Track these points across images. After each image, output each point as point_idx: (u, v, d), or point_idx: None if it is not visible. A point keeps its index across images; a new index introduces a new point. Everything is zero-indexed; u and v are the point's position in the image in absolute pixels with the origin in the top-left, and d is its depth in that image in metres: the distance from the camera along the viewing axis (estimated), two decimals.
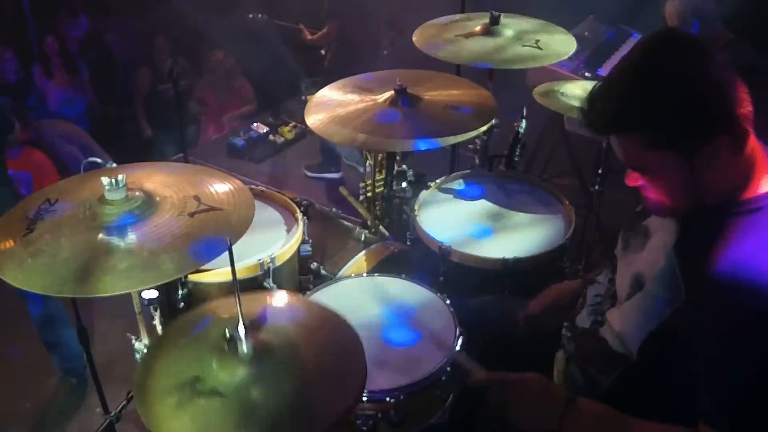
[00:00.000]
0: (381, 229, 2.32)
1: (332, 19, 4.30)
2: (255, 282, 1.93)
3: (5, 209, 1.58)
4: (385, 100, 2.12)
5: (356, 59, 4.12)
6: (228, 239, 1.25)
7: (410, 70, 2.37)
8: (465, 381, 1.51)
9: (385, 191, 2.41)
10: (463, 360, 1.55)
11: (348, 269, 2.10)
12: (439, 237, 2.09)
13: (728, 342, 1.15)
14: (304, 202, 2.22)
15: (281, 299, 1.55)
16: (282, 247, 2.01)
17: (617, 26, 4.52)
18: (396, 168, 2.36)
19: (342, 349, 1.40)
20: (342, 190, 2.48)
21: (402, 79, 2.13)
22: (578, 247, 2.77)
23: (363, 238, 2.31)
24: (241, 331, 1.28)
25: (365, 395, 1.55)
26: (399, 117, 2.06)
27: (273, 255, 1.95)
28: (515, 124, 2.52)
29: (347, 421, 1.56)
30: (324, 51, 4.44)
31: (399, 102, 2.10)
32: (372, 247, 2.19)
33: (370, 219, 2.35)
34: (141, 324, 1.80)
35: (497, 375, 1.46)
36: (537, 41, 2.42)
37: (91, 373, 2.16)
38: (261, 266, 1.93)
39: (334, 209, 2.52)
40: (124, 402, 2.04)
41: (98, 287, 1.34)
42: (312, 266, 2.15)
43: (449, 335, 1.72)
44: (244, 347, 1.29)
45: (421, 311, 1.82)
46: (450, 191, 2.39)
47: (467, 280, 2.04)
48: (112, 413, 2.04)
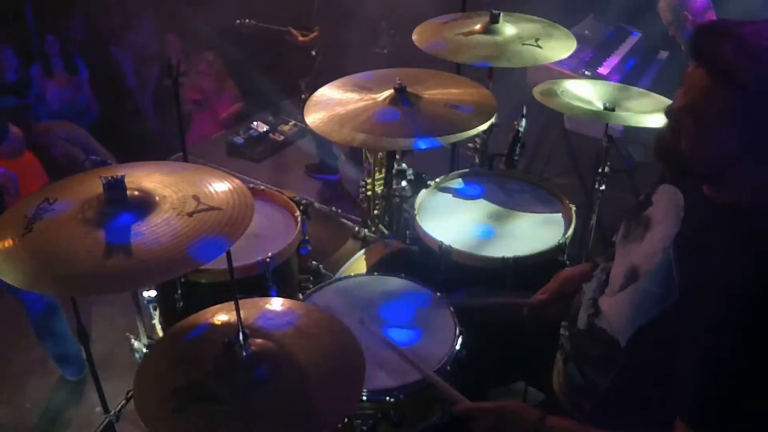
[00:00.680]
0: (381, 229, 2.31)
1: (323, 21, 4.28)
2: (254, 282, 1.93)
3: None
4: (385, 99, 2.12)
5: (348, 60, 4.11)
6: (227, 248, 1.25)
7: (410, 69, 2.36)
8: (452, 410, 1.52)
9: (385, 190, 2.41)
10: (448, 390, 1.55)
11: (347, 268, 2.10)
12: (439, 236, 2.08)
13: (716, 341, 1.14)
14: (304, 202, 2.22)
15: (279, 305, 1.55)
16: (281, 247, 2.00)
17: (617, 25, 4.52)
18: (396, 167, 2.36)
19: (340, 355, 1.40)
20: (342, 189, 2.48)
21: (402, 78, 2.13)
22: (578, 247, 2.77)
23: (363, 238, 2.31)
24: (240, 337, 1.28)
25: (365, 395, 1.55)
26: (399, 116, 2.06)
27: (272, 254, 1.95)
28: (515, 123, 2.52)
29: (347, 422, 1.56)
30: (314, 53, 4.43)
31: (399, 101, 2.10)
32: (371, 247, 2.19)
33: (370, 218, 2.35)
34: (140, 323, 1.80)
35: (478, 405, 1.47)
36: (537, 40, 2.41)
37: (91, 373, 2.16)
38: (260, 266, 1.92)
39: (334, 209, 2.52)
40: (124, 401, 2.05)
41: (98, 287, 1.34)
42: (312, 266, 2.15)
43: (449, 335, 1.72)
44: (243, 352, 1.29)
45: (421, 311, 1.81)
46: (450, 190, 2.38)
47: (467, 280, 2.04)
48: (112, 412, 2.04)
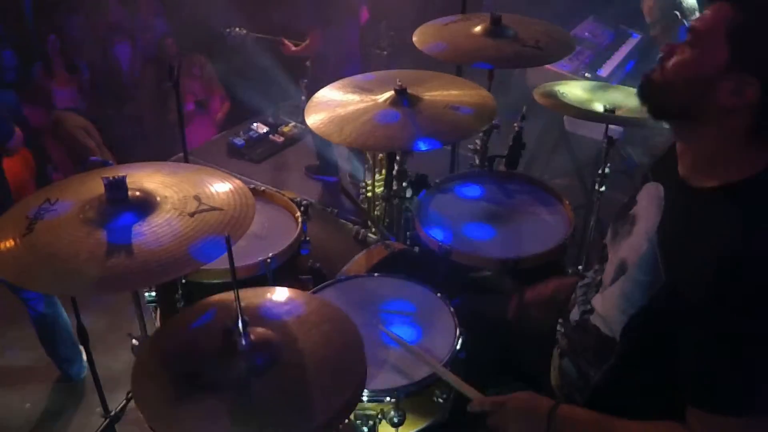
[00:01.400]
0: (381, 229, 2.32)
1: (314, 30, 4.27)
2: (255, 282, 1.93)
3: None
4: (386, 101, 2.12)
5: (341, 67, 4.10)
6: (227, 240, 1.25)
7: (410, 71, 2.37)
8: (467, 408, 1.53)
9: (386, 191, 2.42)
10: (461, 385, 1.56)
11: (348, 269, 2.10)
12: (439, 237, 2.09)
13: (715, 323, 1.16)
14: (304, 202, 2.22)
15: (281, 294, 1.55)
16: (282, 247, 2.00)
17: (617, 27, 4.53)
18: (396, 168, 2.36)
19: (342, 344, 1.40)
20: (342, 190, 2.48)
21: (402, 80, 2.13)
22: (578, 247, 2.77)
23: (363, 238, 2.31)
24: (240, 326, 1.28)
25: (365, 395, 1.55)
26: (399, 117, 2.06)
27: (273, 255, 1.95)
28: (515, 124, 2.53)
29: (346, 419, 1.56)
30: (309, 62, 4.42)
31: (399, 102, 2.10)
32: (372, 247, 2.19)
33: (370, 219, 2.35)
34: (141, 324, 1.81)
35: (492, 399, 1.48)
36: (537, 42, 2.42)
37: (91, 373, 2.16)
38: (261, 266, 1.93)
39: (335, 210, 2.52)
40: (124, 402, 2.05)
41: (98, 287, 1.34)
42: (312, 266, 2.15)
43: (449, 335, 1.72)
44: (243, 341, 1.29)
45: (421, 311, 1.82)
46: (450, 191, 2.39)
47: (467, 280, 2.05)
48: (112, 413, 2.04)
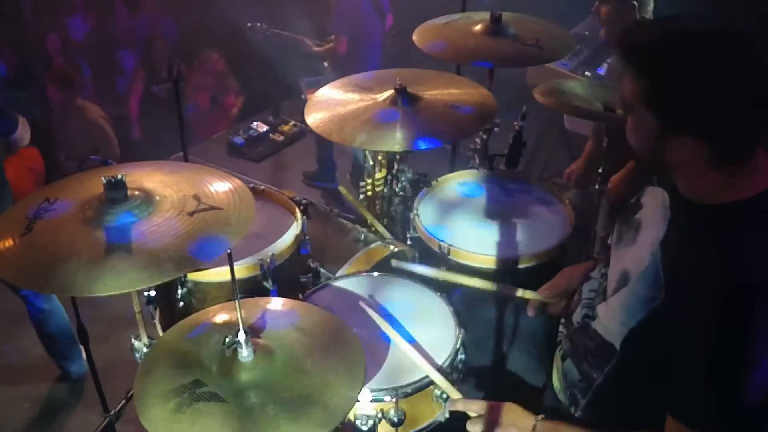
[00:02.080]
0: (381, 229, 2.31)
1: (339, 34, 4.25)
2: (254, 282, 1.93)
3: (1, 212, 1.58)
4: (385, 100, 2.12)
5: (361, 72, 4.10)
6: (229, 255, 1.25)
7: (410, 70, 2.36)
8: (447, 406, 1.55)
9: (385, 190, 2.41)
10: (445, 384, 1.57)
11: (348, 268, 2.10)
12: (439, 236, 2.08)
13: (704, 343, 1.16)
14: (304, 202, 2.22)
15: (280, 304, 1.55)
16: (282, 247, 2.00)
17: None
18: (396, 167, 2.36)
19: (342, 354, 1.40)
20: (342, 189, 2.48)
21: (402, 79, 2.13)
22: (578, 247, 2.77)
23: (363, 238, 2.31)
24: (242, 337, 1.28)
25: (365, 395, 1.55)
26: (399, 116, 2.06)
27: (272, 254, 1.95)
28: (515, 124, 2.52)
29: (347, 422, 1.56)
30: (326, 64, 4.41)
31: (399, 101, 2.10)
32: (372, 247, 2.19)
33: (370, 218, 2.35)
34: (141, 323, 1.80)
35: (474, 402, 1.50)
36: (537, 40, 2.42)
37: (91, 373, 2.16)
38: (261, 266, 1.92)
39: (335, 209, 2.52)
40: (124, 401, 2.04)
41: (98, 287, 1.34)
42: (312, 265, 2.15)
43: (449, 335, 1.72)
44: (245, 352, 1.29)
45: (421, 311, 1.81)
46: (450, 191, 2.38)
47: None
48: (112, 412, 2.04)
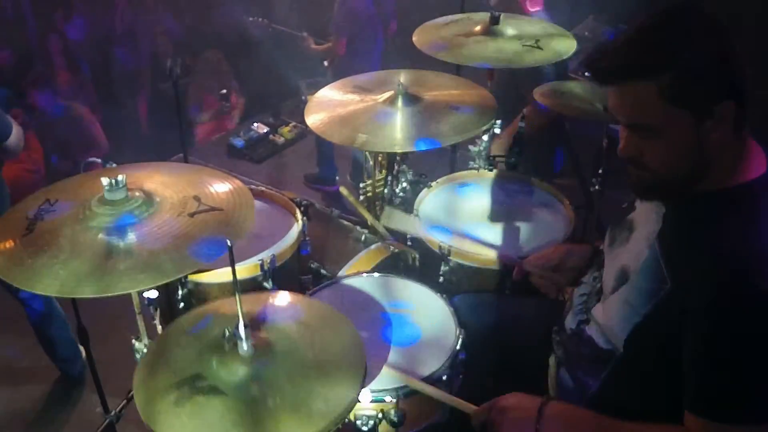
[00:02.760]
0: (381, 230, 2.32)
1: (339, 35, 4.24)
2: (255, 282, 1.93)
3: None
4: (386, 100, 2.12)
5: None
6: (230, 248, 1.25)
7: (410, 70, 2.37)
8: (471, 423, 1.52)
9: (385, 191, 2.41)
10: (459, 404, 1.56)
11: (348, 269, 2.10)
12: (439, 237, 2.09)
13: (715, 327, 1.16)
14: (304, 202, 2.22)
15: (282, 298, 1.55)
16: (282, 247, 2.00)
17: (617, 26, 4.52)
18: (396, 168, 2.36)
19: (342, 348, 1.40)
20: (342, 190, 2.48)
21: (402, 79, 2.13)
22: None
23: (363, 238, 2.31)
24: (242, 330, 1.28)
25: (365, 395, 1.55)
26: (399, 117, 2.06)
27: (273, 255, 1.95)
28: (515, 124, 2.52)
29: (347, 423, 1.56)
30: (326, 63, 4.41)
31: (399, 102, 2.10)
32: (372, 247, 2.19)
33: (371, 219, 2.35)
34: (141, 324, 1.80)
35: (484, 406, 1.48)
36: (537, 41, 2.42)
37: (91, 373, 2.16)
38: (261, 266, 1.92)
39: (334, 209, 2.52)
40: (124, 402, 2.04)
41: (98, 287, 1.34)
42: (312, 266, 2.15)
43: (449, 335, 1.72)
44: (245, 346, 1.29)
45: (421, 311, 1.82)
46: (450, 191, 2.39)
47: (467, 280, 2.04)
48: (112, 413, 2.04)
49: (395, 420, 1.55)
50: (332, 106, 2.14)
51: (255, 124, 5.24)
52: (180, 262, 1.39)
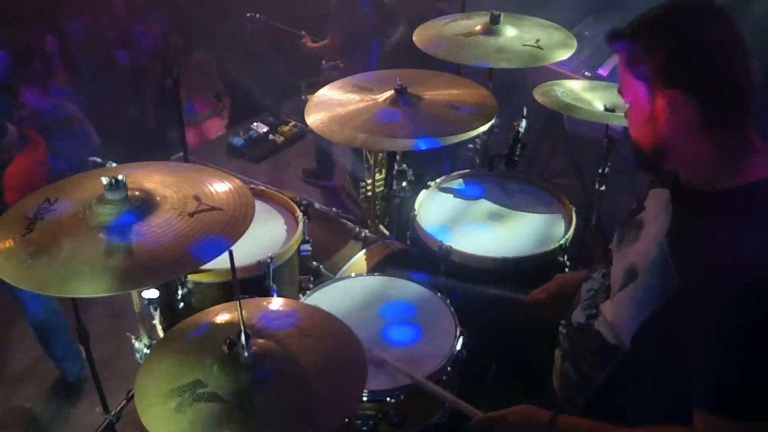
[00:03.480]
0: (381, 229, 2.32)
1: (336, 32, 4.23)
2: (255, 282, 1.93)
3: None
4: (386, 100, 2.12)
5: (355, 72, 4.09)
6: (230, 254, 1.26)
7: (410, 70, 2.36)
8: (469, 425, 1.53)
9: (385, 191, 2.41)
10: (462, 406, 1.56)
11: (348, 269, 2.10)
12: (439, 236, 2.09)
13: (726, 324, 1.16)
14: (304, 202, 2.22)
15: (281, 305, 1.55)
16: (282, 247, 2.00)
17: (617, 26, 4.51)
18: (396, 168, 2.36)
19: (342, 355, 1.40)
20: (342, 190, 2.48)
21: (402, 79, 2.13)
22: (578, 247, 2.77)
23: (363, 238, 2.31)
24: (243, 337, 1.28)
25: (365, 395, 1.55)
26: (399, 116, 2.06)
27: (273, 255, 1.95)
28: (515, 124, 2.52)
29: (347, 422, 1.56)
30: (324, 61, 4.41)
31: (399, 101, 2.10)
32: (372, 247, 2.19)
33: (370, 219, 2.35)
34: (141, 324, 1.80)
35: (491, 414, 1.48)
36: (537, 41, 2.42)
37: (91, 373, 2.16)
38: (261, 266, 1.92)
39: (334, 209, 2.52)
40: (124, 402, 2.04)
41: (98, 287, 1.34)
42: (312, 266, 2.15)
43: (449, 335, 1.72)
44: (245, 353, 1.29)
45: (421, 311, 1.82)
46: (450, 191, 2.39)
47: (467, 280, 2.04)
48: (112, 413, 2.04)
49: (395, 420, 1.55)
50: (332, 106, 2.14)
51: (255, 124, 5.23)
52: (180, 262, 1.39)
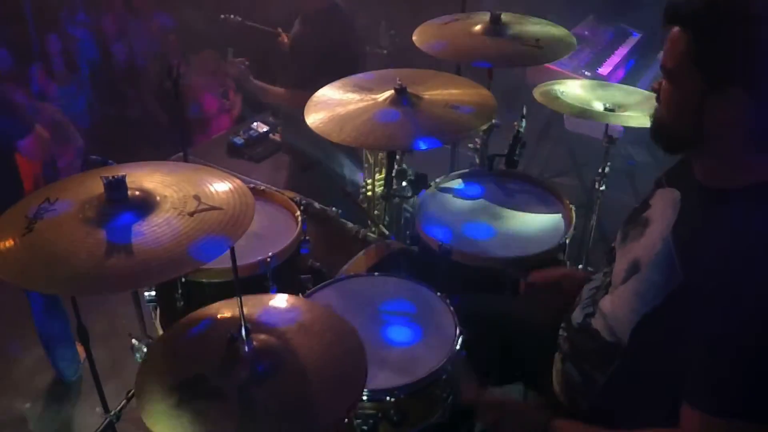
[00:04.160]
0: (381, 229, 2.32)
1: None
2: (255, 282, 1.93)
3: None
4: (385, 100, 2.12)
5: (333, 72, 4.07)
6: (231, 251, 1.25)
7: (410, 70, 2.36)
8: (456, 399, 1.54)
9: (385, 191, 2.41)
10: (461, 373, 1.55)
11: (348, 268, 2.10)
12: (439, 236, 2.09)
13: (725, 321, 1.17)
14: (304, 202, 2.22)
15: (282, 301, 1.55)
16: (282, 247, 2.00)
17: (617, 25, 4.53)
18: (396, 167, 2.36)
19: (343, 351, 1.40)
20: (342, 190, 2.48)
21: (402, 79, 2.13)
22: (578, 247, 2.77)
23: (363, 238, 2.31)
24: (243, 333, 1.28)
25: (365, 395, 1.55)
26: (399, 116, 2.06)
27: (272, 254, 1.95)
28: (515, 124, 2.52)
29: (347, 422, 1.56)
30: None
31: (399, 101, 2.10)
32: (372, 247, 2.19)
33: (370, 218, 2.35)
34: (141, 323, 1.80)
35: (483, 398, 1.49)
36: (537, 40, 2.42)
37: (91, 372, 2.15)
38: (260, 265, 1.92)
39: (334, 209, 2.52)
40: (124, 401, 2.04)
41: (98, 287, 1.34)
42: (312, 266, 2.15)
43: (449, 334, 1.72)
44: (246, 348, 1.30)
45: (421, 311, 1.82)
46: (450, 191, 2.38)
47: (467, 280, 2.04)
48: (112, 412, 2.04)
49: (395, 420, 1.55)
50: (332, 106, 2.14)
51: (255, 123, 5.22)
52: (180, 262, 1.39)
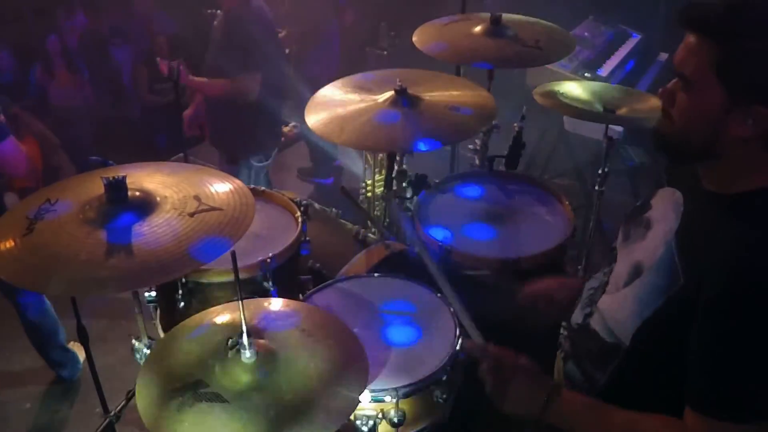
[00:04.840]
0: (381, 230, 2.32)
1: (290, 30, 4.24)
2: (255, 282, 1.93)
3: None
4: (386, 101, 2.12)
5: (315, 64, 4.07)
6: (232, 254, 1.26)
7: (410, 71, 2.37)
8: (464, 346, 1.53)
9: (385, 191, 2.41)
10: (470, 329, 1.55)
11: (348, 269, 2.10)
12: (439, 237, 2.09)
13: (725, 324, 1.17)
14: (304, 202, 2.22)
15: (283, 305, 1.55)
16: (282, 247, 2.00)
17: (617, 27, 4.53)
18: (396, 168, 2.36)
19: (344, 355, 1.40)
20: (342, 190, 2.48)
21: (402, 80, 2.13)
22: (578, 247, 2.77)
23: (363, 238, 2.31)
24: (244, 338, 1.28)
25: (365, 395, 1.55)
26: (399, 117, 2.06)
27: (273, 255, 1.95)
28: (515, 125, 2.52)
29: (347, 422, 1.56)
30: (287, 50, 4.39)
31: (399, 102, 2.10)
32: (372, 247, 2.19)
33: (370, 219, 2.35)
34: (141, 324, 1.80)
35: (494, 352, 1.48)
36: (537, 41, 2.42)
37: (91, 373, 2.15)
38: (260, 266, 1.92)
39: (334, 209, 2.52)
40: (124, 402, 2.04)
41: (98, 287, 1.34)
42: (312, 266, 2.15)
43: (449, 335, 1.72)
44: (247, 353, 1.30)
45: (421, 311, 1.82)
46: (450, 192, 2.38)
47: (467, 280, 2.04)
48: (112, 413, 2.04)
49: (395, 420, 1.56)
50: (332, 106, 2.14)
51: None
52: (180, 262, 1.39)
